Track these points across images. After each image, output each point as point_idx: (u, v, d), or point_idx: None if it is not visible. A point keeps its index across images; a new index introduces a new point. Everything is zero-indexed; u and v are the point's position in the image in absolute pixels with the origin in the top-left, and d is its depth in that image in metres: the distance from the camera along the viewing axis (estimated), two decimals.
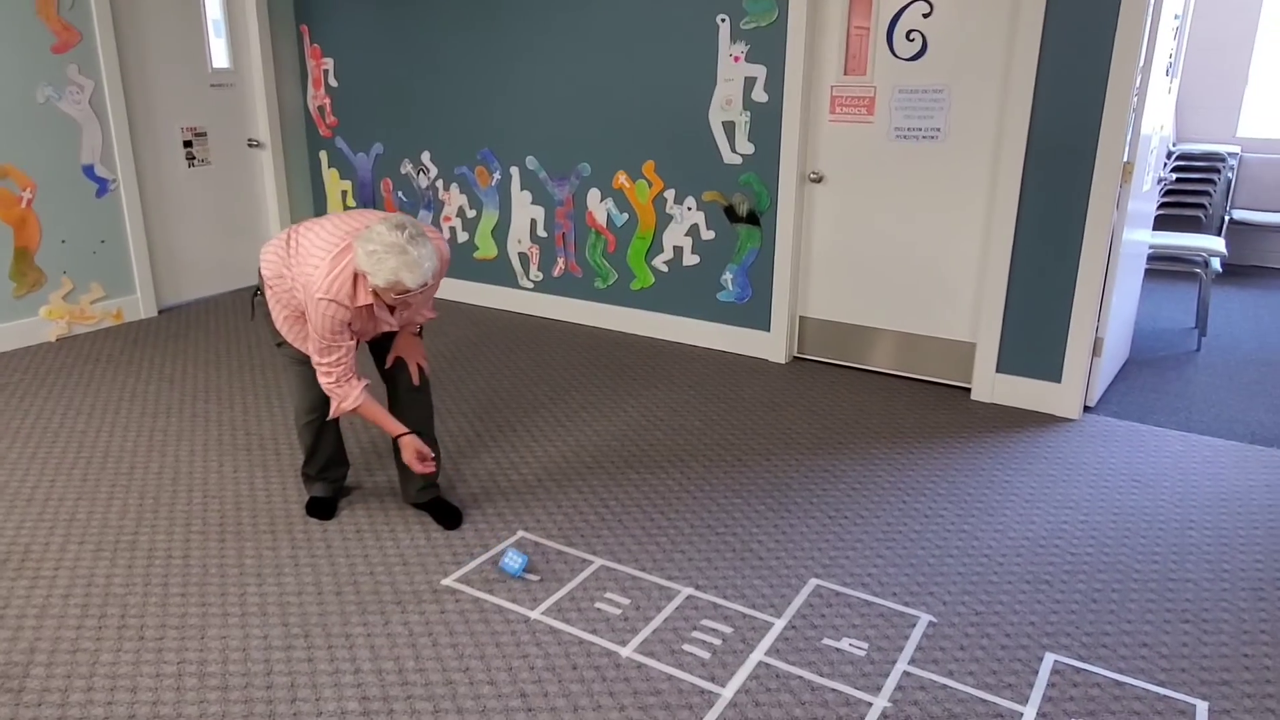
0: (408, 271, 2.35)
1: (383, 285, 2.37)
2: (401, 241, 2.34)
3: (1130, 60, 3.31)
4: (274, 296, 2.67)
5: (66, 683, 2.13)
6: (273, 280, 2.65)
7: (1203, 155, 6.34)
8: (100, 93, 4.65)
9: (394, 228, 2.36)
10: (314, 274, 2.48)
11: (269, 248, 2.67)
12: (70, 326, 4.71)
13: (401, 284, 2.37)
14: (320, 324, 2.48)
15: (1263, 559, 2.71)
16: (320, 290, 2.45)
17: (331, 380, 2.56)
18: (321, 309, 2.46)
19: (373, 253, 2.35)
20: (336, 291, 2.46)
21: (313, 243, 2.54)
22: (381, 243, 2.34)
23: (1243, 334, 4.95)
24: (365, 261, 2.36)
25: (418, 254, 2.36)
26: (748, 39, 4.09)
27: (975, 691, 2.14)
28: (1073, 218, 3.56)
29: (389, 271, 2.34)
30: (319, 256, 2.50)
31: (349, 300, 2.47)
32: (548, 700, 2.09)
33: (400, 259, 2.34)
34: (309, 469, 2.96)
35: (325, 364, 2.54)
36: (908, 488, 3.13)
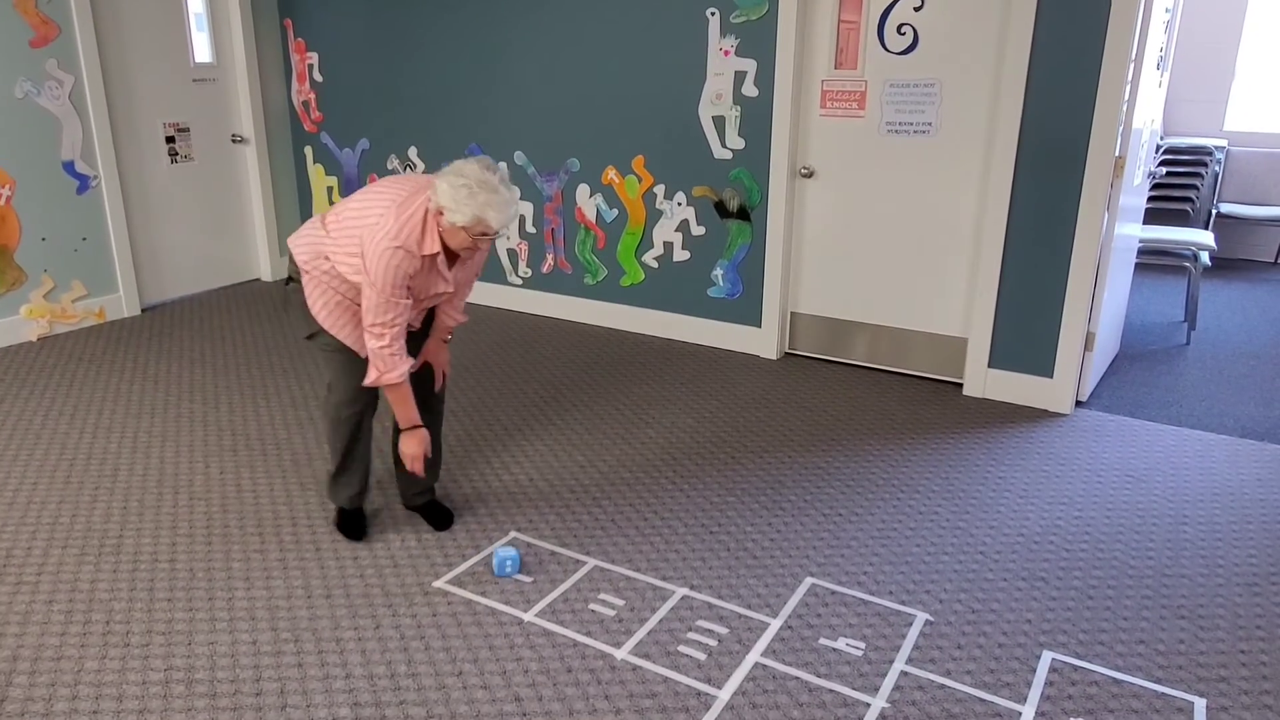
0: (495, 210, 2.28)
1: (465, 222, 2.28)
2: (494, 180, 2.28)
3: (1122, 54, 3.30)
4: (311, 281, 2.52)
5: (50, 691, 2.09)
6: (310, 264, 2.51)
7: (1190, 149, 6.36)
8: (80, 87, 4.57)
9: (485, 167, 2.30)
10: (379, 224, 2.35)
11: (300, 234, 2.56)
12: (52, 325, 4.64)
13: (486, 222, 2.28)
14: (384, 276, 2.32)
15: (1256, 554, 2.71)
16: (390, 236, 2.32)
17: (384, 344, 2.39)
18: (387, 258, 2.31)
19: (463, 186, 2.26)
20: (406, 237, 2.33)
21: (365, 204, 2.43)
22: (474, 178, 2.26)
23: (1231, 327, 4.96)
24: (449, 196, 2.27)
25: (508, 195, 2.30)
26: (738, 33, 4.06)
27: (973, 691, 2.12)
28: (1064, 212, 3.55)
29: (478, 206, 2.26)
30: (378, 210, 2.38)
31: (417, 247, 2.34)
32: (542, 704, 2.06)
33: (490, 195, 2.26)
34: (343, 474, 2.73)
35: (381, 324, 2.37)
36: (901, 484, 3.12)
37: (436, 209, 2.32)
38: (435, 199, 2.31)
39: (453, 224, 2.31)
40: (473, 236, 2.33)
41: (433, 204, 2.33)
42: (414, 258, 2.35)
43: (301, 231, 2.58)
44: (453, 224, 2.31)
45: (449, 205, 2.28)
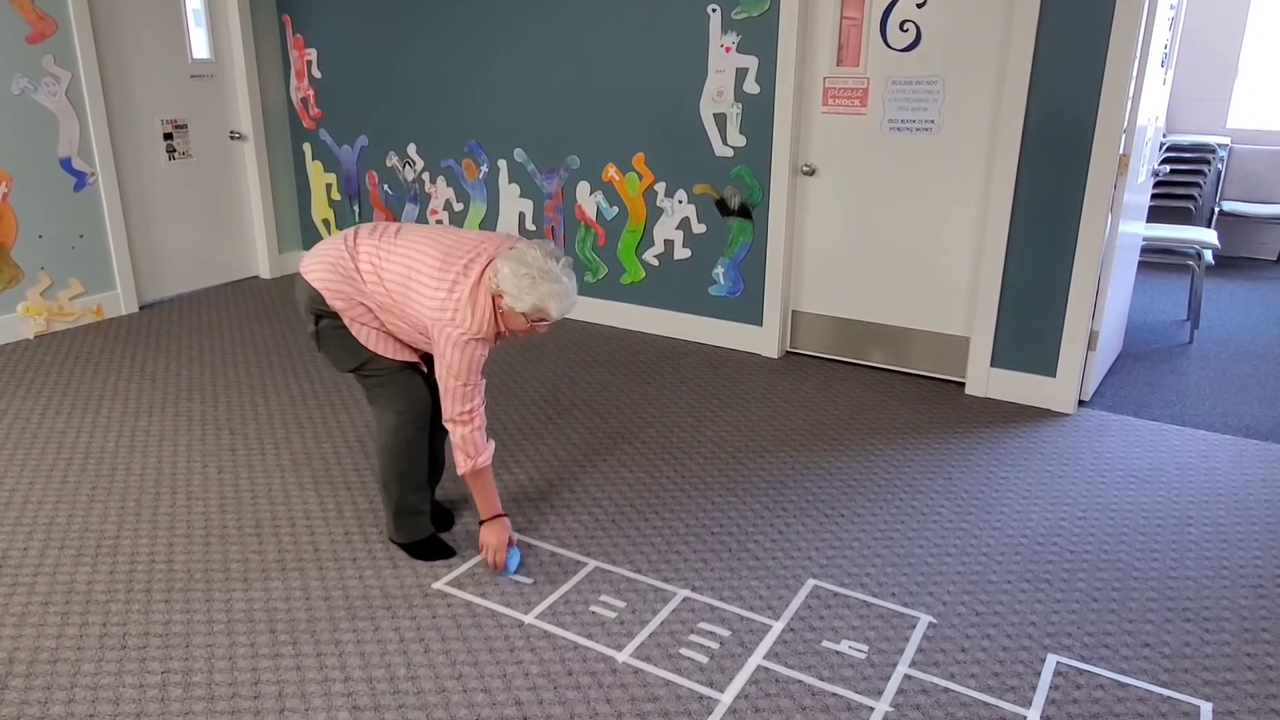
0: (556, 301, 2.28)
1: (525, 310, 2.28)
2: (557, 270, 2.27)
3: (1127, 51, 3.27)
4: (351, 320, 2.44)
5: (46, 694, 2.07)
6: (346, 309, 2.42)
7: (1193, 146, 6.34)
8: (77, 84, 4.54)
9: (548, 255, 2.29)
10: (441, 307, 2.30)
11: (324, 267, 2.41)
12: (48, 323, 4.62)
13: (546, 313, 2.29)
14: (465, 367, 2.32)
15: (1261, 555, 2.70)
16: (471, 330, 2.30)
17: (472, 429, 2.38)
18: (470, 350, 2.31)
19: (525, 275, 2.25)
20: (481, 326, 2.32)
21: (410, 261, 2.35)
22: (537, 267, 2.26)
23: (1234, 326, 4.94)
24: (510, 282, 2.26)
25: (569, 284, 2.30)
26: (739, 29, 4.04)
27: (978, 695, 2.10)
28: (1068, 210, 3.53)
29: (539, 297, 2.26)
30: (427, 270, 2.33)
31: (484, 334, 2.33)
32: (543, 708, 2.04)
33: (552, 285, 2.26)
34: (412, 502, 2.60)
35: (467, 411, 2.36)
36: (904, 485, 3.10)
37: (496, 290, 2.30)
38: (495, 281, 2.29)
39: (511, 309, 2.30)
40: (530, 323, 2.33)
41: (491, 284, 2.31)
42: (488, 344, 2.37)
43: (325, 259, 2.42)
44: (511, 309, 2.30)
45: (510, 291, 2.27)
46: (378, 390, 2.53)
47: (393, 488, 2.58)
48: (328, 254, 2.43)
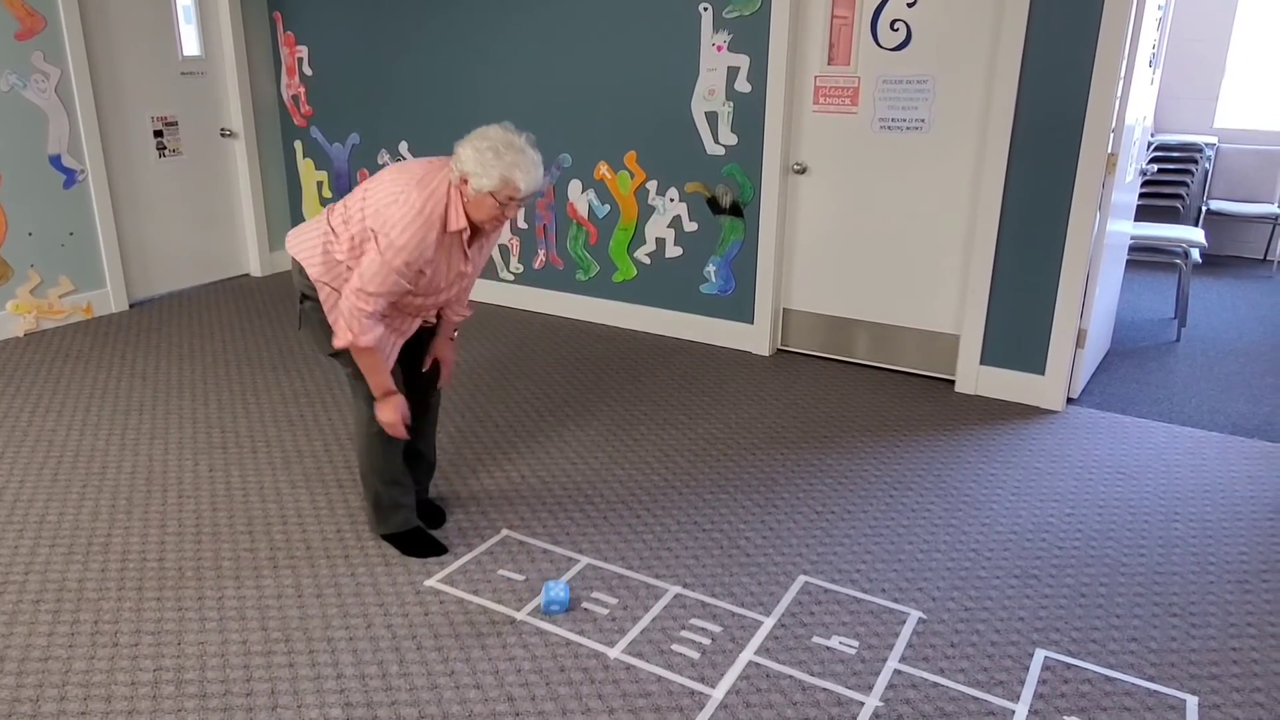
0: (523, 171, 2.20)
1: (492, 186, 2.19)
2: (520, 141, 2.21)
3: (1115, 51, 3.30)
4: (331, 299, 2.40)
5: (38, 692, 2.07)
6: (326, 279, 2.37)
7: (1180, 146, 6.38)
8: (67, 81, 4.52)
9: (509, 130, 2.23)
10: (400, 202, 2.23)
11: (304, 239, 2.39)
12: (38, 321, 4.60)
13: (514, 184, 2.20)
14: (399, 248, 2.21)
15: (1247, 551, 2.72)
16: (415, 210, 2.22)
17: (368, 310, 2.25)
18: (411, 231, 2.21)
19: (489, 149, 2.18)
20: (431, 212, 2.23)
21: (379, 189, 2.31)
22: (499, 139, 2.20)
23: (1221, 324, 4.98)
24: (473, 160, 2.19)
25: (535, 157, 2.23)
26: (730, 28, 4.05)
27: (967, 689, 2.12)
28: (1057, 209, 3.56)
29: (505, 167, 2.18)
30: (394, 191, 2.27)
31: (442, 223, 2.25)
32: (535, 704, 2.05)
33: (517, 156, 2.19)
34: (391, 497, 2.59)
35: (370, 293, 2.24)
36: (894, 481, 3.12)
37: (460, 178, 2.23)
38: (458, 166, 2.22)
39: (479, 190, 2.21)
40: (500, 203, 2.24)
41: (455, 173, 2.24)
42: (437, 235, 2.26)
43: (305, 237, 2.42)
44: (479, 190, 2.21)
45: (474, 170, 2.20)
46: (355, 382, 2.48)
47: (369, 480, 2.59)
48: (308, 225, 2.45)
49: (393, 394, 2.43)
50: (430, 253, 2.27)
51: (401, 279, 2.26)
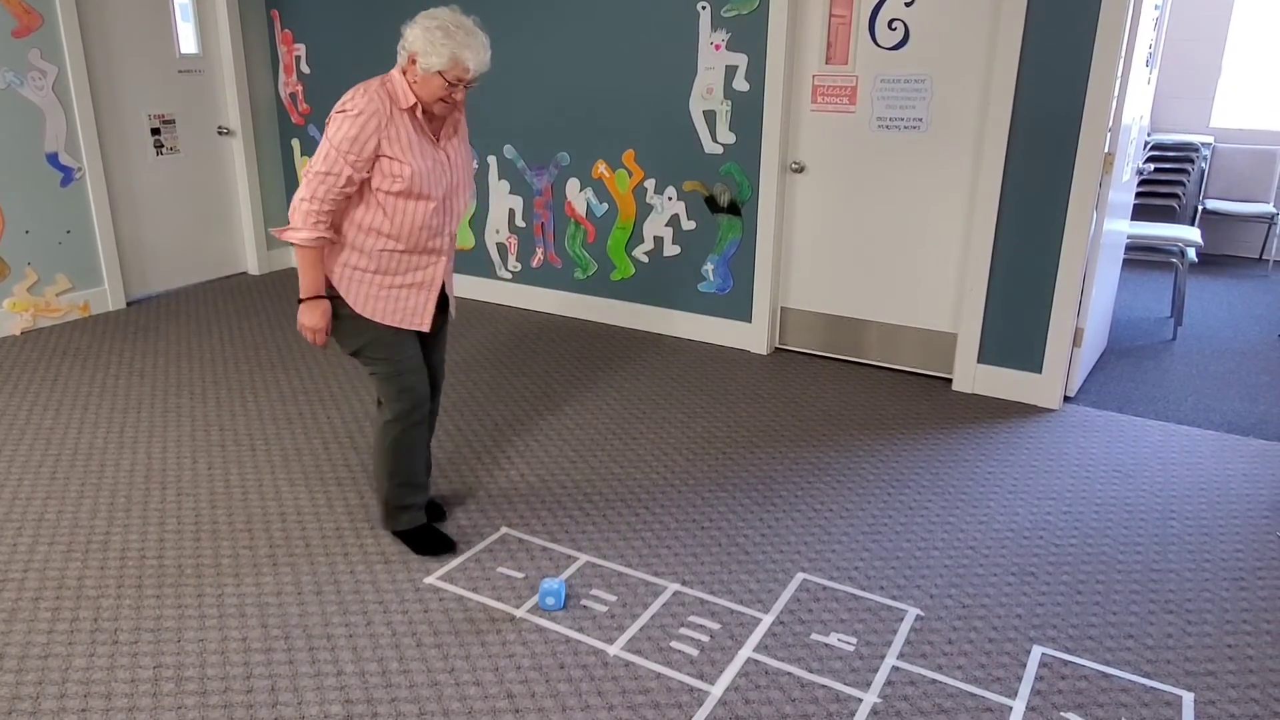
0: (471, 51, 2.19)
1: (441, 65, 2.18)
2: (469, 23, 2.22)
3: (1112, 50, 3.31)
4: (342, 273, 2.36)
5: (38, 690, 2.07)
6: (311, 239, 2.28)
7: (1177, 145, 6.40)
8: (64, 79, 4.52)
9: (454, 10, 2.23)
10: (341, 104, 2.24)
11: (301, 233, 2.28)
12: (35, 319, 4.60)
13: (463, 63, 2.19)
14: (342, 130, 2.20)
15: (1243, 548, 2.74)
16: (358, 93, 2.22)
17: (309, 203, 2.23)
18: (344, 126, 2.20)
19: (437, 28, 2.18)
20: (374, 91, 2.23)
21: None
22: (450, 20, 2.20)
23: (1217, 323, 5.00)
24: (422, 40, 2.19)
25: (484, 39, 2.23)
26: (729, 27, 4.05)
27: (964, 685, 2.13)
28: (1054, 208, 3.57)
29: (455, 46, 2.17)
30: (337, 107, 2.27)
31: (388, 101, 2.23)
32: (535, 701, 2.06)
33: (466, 36, 2.19)
34: (404, 497, 2.59)
35: (319, 172, 2.22)
36: (892, 479, 3.13)
37: (408, 59, 2.24)
38: (405, 47, 2.23)
39: (427, 70, 2.20)
40: (448, 83, 2.23)
41: (401, 56, 2.25)
42: (384, 114, 2.23)
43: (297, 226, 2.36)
44: (427, 70, 2.20)
45: (422, 49, 2.19)
46: (375, 382, 2.50)
47: (380, 480, 2.60)
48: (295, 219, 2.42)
49: (320, 298, 2.37)
50: (381, 138, 2.23)
51: (350, 158, 2.22)
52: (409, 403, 2.50)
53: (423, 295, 2.47)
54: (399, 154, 2.27)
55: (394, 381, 2.48)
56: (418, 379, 2.51)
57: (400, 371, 2.48)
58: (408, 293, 2.44)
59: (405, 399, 2.50)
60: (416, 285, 2.45)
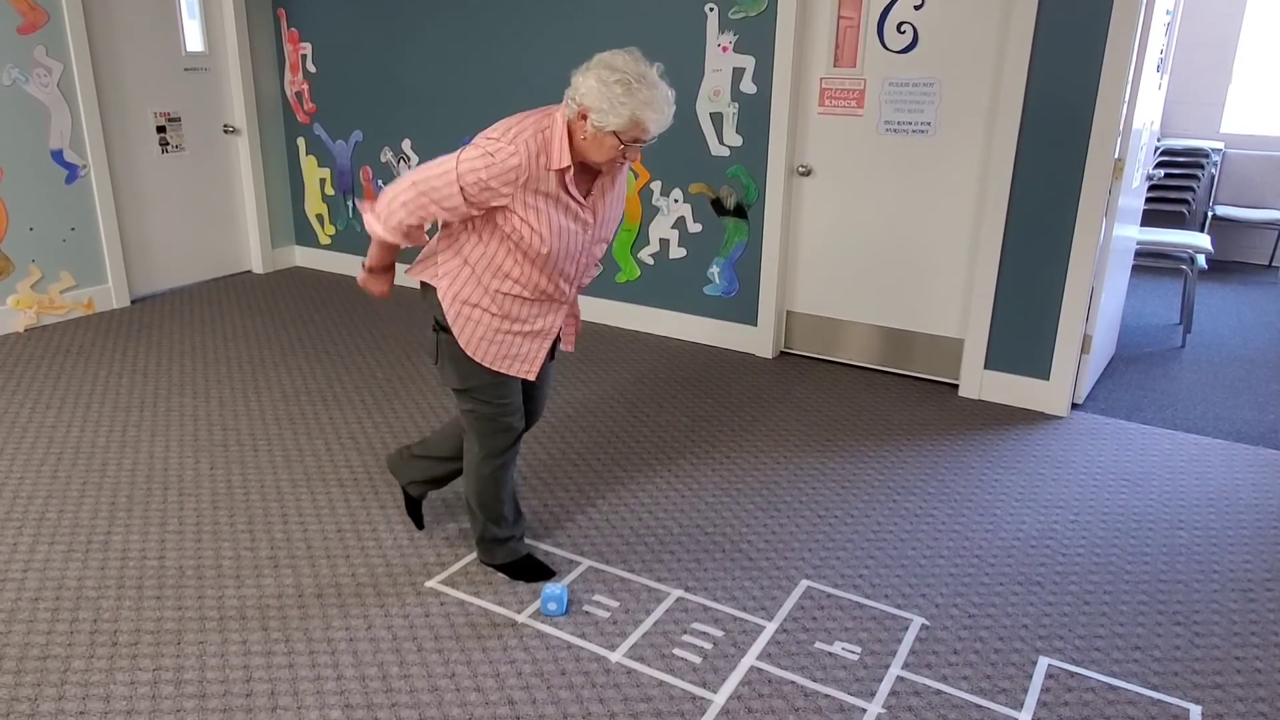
0: (653, 111, 1.92)
1: (618, 126, 1.92)
2: (652, 75, 1.93)
3: (1123, 56, 3.28)
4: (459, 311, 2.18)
5: (36, 691, 2.06)
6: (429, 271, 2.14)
7: (1187, 151, 6.36)
8: (69, 76, 4.51)
9: (638, 60, 1.94)
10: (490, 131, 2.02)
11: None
12: (39, 316, 4.59)
13: (643, 125, 1.93)
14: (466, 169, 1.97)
15: (1251, 559, 2.71)
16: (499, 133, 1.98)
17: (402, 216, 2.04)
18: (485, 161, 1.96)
19: (618, 83, 1.90)
20: (513, 138, 1.97)
21: None
22: (631, 72, 1.91)
23: (1226, 330, 4.97)
24: (598, 94, 1.91)
25: (668, 93, 1.95)
26: (736, 29, 4.03)
27: (970, 697, 2.11)
28: (1063, 214, 3.54)
29: (636, 105, 1.90)
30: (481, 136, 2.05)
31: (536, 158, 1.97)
32: (536, 708, 2.04)
33: (650, 93, 1.91)
34: (499, 529, 2.46)
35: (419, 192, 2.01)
36: (897, 486, 3.10)
37: (577, 112, 1.96)
38: (576, 100, 1.95)
39: (600, 129, 1.94)
40: (623, 145, 1.97)
41: (570, 109, 1.98)
42: (529, 170, 1.97)
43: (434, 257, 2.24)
44: (600, 129, 1.94)
45: (597, 105, 1.92)
46: (469, 419, 2.34)
47: (476, 516, 2.47)
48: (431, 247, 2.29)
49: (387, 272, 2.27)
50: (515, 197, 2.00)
51: (463, 197, 2.00)
52: (505, 441, 2.36)
53: (537, 343, 2.26)
54: (532, 221, 2.05)
55: (493, 423, 2.33)
56: (516, 419, 2.35)
57: (501, 414, 2.33)
58: (522, 340, 2.24)
59: (502, 438, 2.35)
60: (533, 333, 2.25)
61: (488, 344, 2.22)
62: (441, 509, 2.88)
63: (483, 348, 2.22)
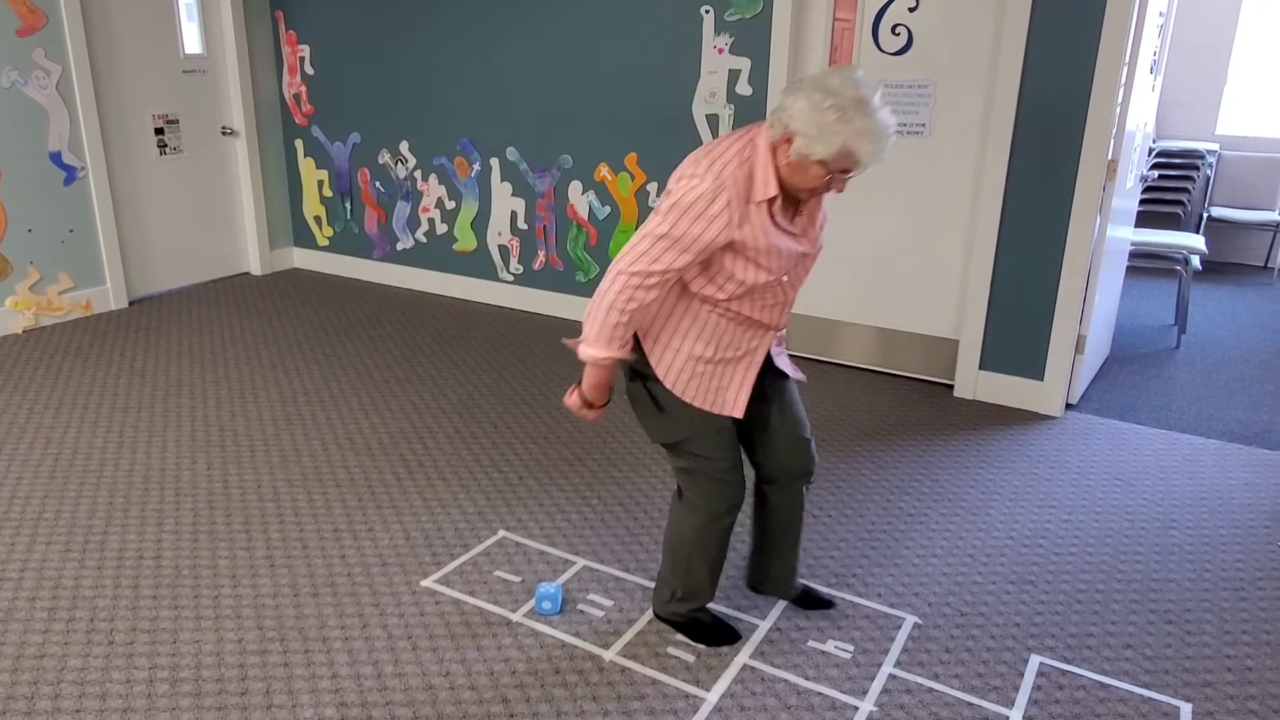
0: (867, 141, 1.72)
1: (827, 155, 1.73)
2: (873, 101, 1.72)
3: (1116, 57, 3.30)
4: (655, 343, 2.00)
5: (33, 689, 2.07)
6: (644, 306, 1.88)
7: (1182, 152, 6.38)
8: (68, 78, 4.52)
9: (857, 83, 1.73)
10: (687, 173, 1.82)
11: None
12: (37, 318, 4.60)
13: (855, 157, 1.74)
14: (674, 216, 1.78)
15: (1243, 558, 2.72)
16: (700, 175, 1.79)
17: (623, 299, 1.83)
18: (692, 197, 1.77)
19: (831, 108, 1.70)
20: (718, 173, 1.78)
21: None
22: (849, 98, 1.71)
23: (1221, 331, 4.98)
24: (807, 120, 1.72)
25: (888, 121, 1.75)
26: (732, 31, 4.05)
27: (961, 695, 2.12)
28: (1057, 214, 3.56)
29: (850, 136, 1.71)
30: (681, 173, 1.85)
31: (742, 191, 1.79)
32: (530, 705, 2.05)
33: (867, 123, 1.70)
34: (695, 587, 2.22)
35: (637, 271, 1.81)
36: (892, 486, 3.11)
37: (782, 135, 1.78)
38: (783, 122, 1.77)
39: (804, 156, 1.76)
40: (830, 174, 1.78)
41: (775, 130, 1.79)
42: (733, 203, 1.79)
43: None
44: (804, 156, 1.76)
45: (807, 132, 1.73)
46: (685, 478, 2.14)
47: (670, 569, 2.25)
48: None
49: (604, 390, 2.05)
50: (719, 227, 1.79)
51: (677, 252, 1.81)
52: (726, 503, 2.13)
53: (741, 371, 2.04)
54: (747, 252, 1.85)
55: (712, 481, 2.11)
56: (738, 476, 2.13)
57: (722, 471, 2.10)
58: (724, 369, 2.02)
59: (723, 499, 2.12)
60: (737, 360, 2.03)
61: (691, 377, 2.00)
62: (439, 509, 2.90)
63: (684, 381, 2.01)
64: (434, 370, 4.11)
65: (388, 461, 3.21)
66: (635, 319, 1.90)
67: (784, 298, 2.00)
